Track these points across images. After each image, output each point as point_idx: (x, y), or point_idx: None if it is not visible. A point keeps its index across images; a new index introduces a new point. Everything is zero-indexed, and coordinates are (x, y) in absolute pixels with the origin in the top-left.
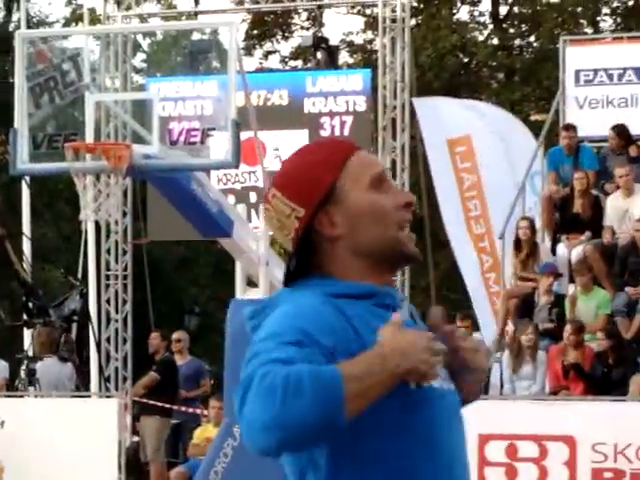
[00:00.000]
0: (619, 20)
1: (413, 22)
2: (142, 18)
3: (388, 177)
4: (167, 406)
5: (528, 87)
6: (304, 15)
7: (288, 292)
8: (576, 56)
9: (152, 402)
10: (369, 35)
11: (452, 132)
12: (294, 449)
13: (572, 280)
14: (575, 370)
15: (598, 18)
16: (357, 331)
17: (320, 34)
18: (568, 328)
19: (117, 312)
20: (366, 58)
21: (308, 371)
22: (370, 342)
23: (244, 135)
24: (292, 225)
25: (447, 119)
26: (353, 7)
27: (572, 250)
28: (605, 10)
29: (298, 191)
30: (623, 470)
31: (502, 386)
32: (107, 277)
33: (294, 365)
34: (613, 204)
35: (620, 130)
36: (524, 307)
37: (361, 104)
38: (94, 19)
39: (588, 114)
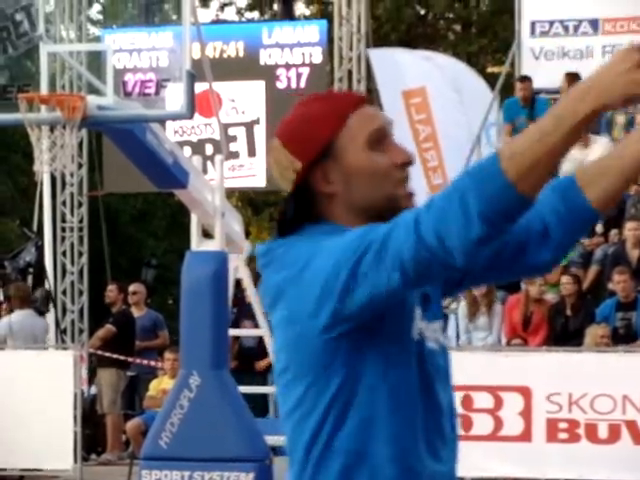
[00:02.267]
0: None
1: None
2: None
3: (388, 132)
4: (123, 358)
5: (484, 39)
6: None
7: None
8: (532, 7)
9: (108, 354)
10: None
11: (407, 83)
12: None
13: None
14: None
15: None
16: None
17: None
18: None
19: (73, 264)
20: (322, 9)
21: (462, 177)
22: None
23: (200, 87)
24: (290, 177)
25: (402, 70)
26: None
27: None
28: None
29: (296, 144)
30: (577, 420)
31: (458, 337)
32: (63, 229)
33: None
34: (570, 155)
35: (573, 77)
36: None
37: (317, 56)
38: None
39: (544, 66)
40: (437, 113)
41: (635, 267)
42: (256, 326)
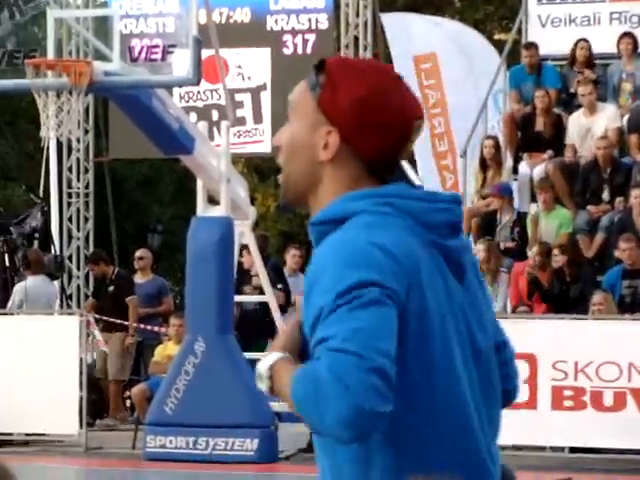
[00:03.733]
0: None
1: None
2: None
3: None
4: (126, 323)
5: (491, 6)
6: None
7: None
8: None
9: (111, 320)
10: None
11: (418, 48)
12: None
13: (534, 199)
14: (534, 285)
15: None
16: None
17: None
18: (535, 249)
19: (79, 230)
20: None
21: None
22: None
23: (206, 53)
24: None
25: (413, 35)
26: None
27: (534, 169)
28: None
29: None
30: (583, 388)
31: None
32: (69, 195)
33: None
34: (575, 122)
35: (583, 44)
36: (486, 225)
37: (323, 22)
38: None
39: (551, 32)
40: (447, 79)
41: None
42: (259, 292)
